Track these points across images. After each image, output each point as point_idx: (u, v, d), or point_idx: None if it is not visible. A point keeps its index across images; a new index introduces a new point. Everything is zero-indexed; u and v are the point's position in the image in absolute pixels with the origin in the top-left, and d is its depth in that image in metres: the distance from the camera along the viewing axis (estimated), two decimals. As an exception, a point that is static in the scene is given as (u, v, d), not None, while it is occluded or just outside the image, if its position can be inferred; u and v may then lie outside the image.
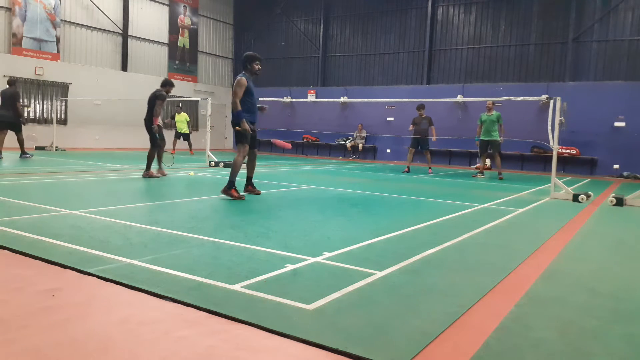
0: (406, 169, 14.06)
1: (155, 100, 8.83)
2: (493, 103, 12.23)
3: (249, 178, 7.16)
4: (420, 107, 13.53)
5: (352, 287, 2.97)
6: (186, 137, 17.50)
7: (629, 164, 15.85)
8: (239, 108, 6.54)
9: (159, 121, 9.04)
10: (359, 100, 17.32)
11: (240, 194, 6.56)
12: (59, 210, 5.16)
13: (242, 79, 6.62)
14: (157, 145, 9.01)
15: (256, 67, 6.81)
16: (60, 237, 3.91)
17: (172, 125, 17.91)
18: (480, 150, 13.08)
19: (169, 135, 17.86)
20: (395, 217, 5.98)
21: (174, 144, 17.34)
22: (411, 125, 13.68)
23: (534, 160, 17.45)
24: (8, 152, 12.60)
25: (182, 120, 17.37)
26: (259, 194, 7.12)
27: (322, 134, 21.36)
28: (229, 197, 6.45)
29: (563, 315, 2.73)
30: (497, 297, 3.00)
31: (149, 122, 8.92)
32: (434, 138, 13.73)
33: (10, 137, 12.42)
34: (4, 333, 2.20)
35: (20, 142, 12.38)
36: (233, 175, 6.51)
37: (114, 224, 4.58)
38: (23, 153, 12.40)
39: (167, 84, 9.07)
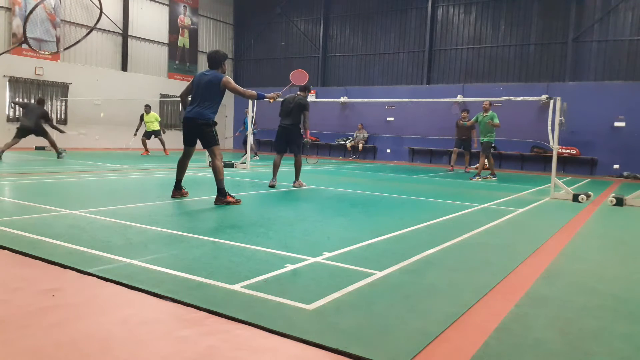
0: (450, 169, 15.02)
1: (302, 110, 8.25)
2: (490, 104, 12.11)
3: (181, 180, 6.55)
4: (465, 110, 14.67)
5: (352, 287, 2.97)
6: (157, 134, 16.45)
7: (629, 164, 15.85)
8: (254, 92, 6.36)
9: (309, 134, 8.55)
10: (359, 100, 17.31)
11: (236, 198, 6.23)
12: (59, 210, 5.16)
13: None
14: (302, 152, 8.54)
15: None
16: (60, 237, 3.91)
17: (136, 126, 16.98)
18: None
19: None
20: (395, 217, 5.98)
21: (144, 143, 16.39)
22: (456, 129, 14.68)
23: (534, 160, 17.44)
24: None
25: (151, 120, 16.39)
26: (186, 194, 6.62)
27: (322, 134, 21.34)
28: (226, 205, 6.03)
29: (563, 315, 2.73)
30: (497, 297, 2.99)
31: (294, 130, 8.33)
32: (475, 143, 14.18)
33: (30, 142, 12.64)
34: (4, 333, 2.20)
35: (52, 144, 12.80)
36: (221, 182, 6.11)
37: (114, 224, 4.58)
38: (59, 153, 12.88)
39: (307, 89, 8.47)
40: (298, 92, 8.50)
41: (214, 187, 6.24)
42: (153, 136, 16.58)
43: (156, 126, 16.49)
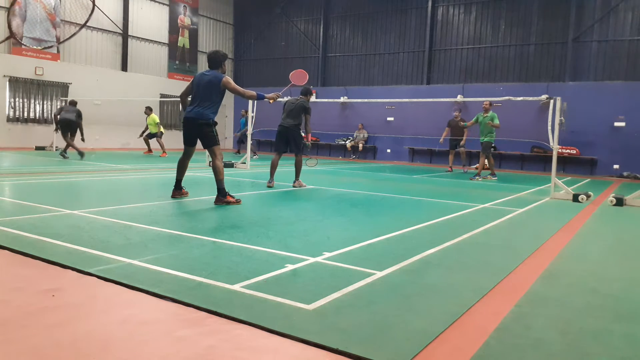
0: (449, 169, 15.04)
1: (303, 112, 8.32)
2: (490, 104, 12.10)
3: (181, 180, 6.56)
4: (458, 110, 14.71)
5: (352, 287, 2.97)
6: (157, 136, 16.27)
7: (629, 164, 15.85)
8: (254, 93, 6.34)
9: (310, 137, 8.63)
10: (359, 100, 17.30)
11: (236, 198, 6.23)
12: (59, 210, 5.16)
13: None
14: (302, 152, 8.60)
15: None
16: (60, 237, 3.91)
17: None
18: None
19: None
20: (395, 217, 5.98)
21: (147, 143, 16.39)
22: (447, 129, 14.57)
23: (534, 160, 17.44)
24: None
25: (150, 123, 16.18)
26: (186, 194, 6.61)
27: (322, 134, 21.35)
28: (226, 205, 6.03)
29: (563, 315, 2.73)
30: (497, 297, 2.99)
31: (294, 130, 8.37)
32: (463, 141, 14.13)
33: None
34: (4, 333, 2.20)
35: (70, 143, 13.47)
36: (221, 182, 6.11)
37: (114, 224, 4.58)
38: (64, 151, 13.28)
39: (309, 93, 8.60)
40: (300, 96, 8.55)
41: (214, 187, 6.24)
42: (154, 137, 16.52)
43: (155, 129, 16.34)
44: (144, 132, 16.56)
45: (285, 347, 2.18)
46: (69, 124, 13.24)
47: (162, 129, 16.45)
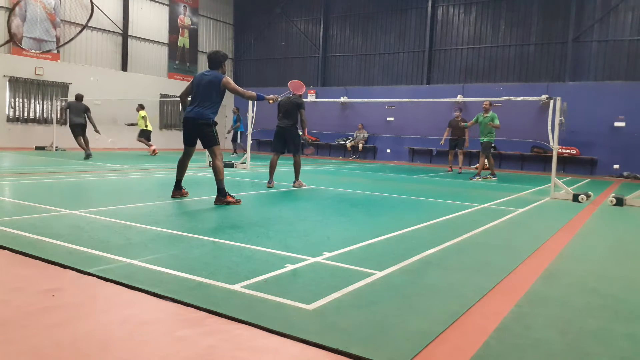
0: (449, 169, 15.04)
1: (298, 109, 8.39)
2: (490, 104, 12.09)
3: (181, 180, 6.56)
4: (458, 110, 14.72)
5: (352, 287, 2.97)
6: (141, 134, 16.06)
7: (629, 164, 15.85)
8: (254, 93, 6.32)
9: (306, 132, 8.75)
10: (359, 100, 17.30)
11: (236, 198, 6.23)
12: (59, 210, 5.16)
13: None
14: (300, 153, 8.68)
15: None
16: (60, 237, 3.91)
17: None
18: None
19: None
20: (395, 217, 5.98)
21: (145, 143, 16.17)
22: (447, 129, 14.51)
23: (534, 160, 17.44)
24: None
25: (139, 117, 15.94)
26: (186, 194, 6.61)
27: (322, 134, 21.35)
28: (226, 205, 6.03)
29: (563, 315, 2.73)
30: (497, 297, 2.99)
31: (291, 130, 8.43)
32: (466, 143, 14.10)
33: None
34: (4, 333, 2.20)
35: (86, 143, 13.56)
36: (221, 182, 6.11)
37: (114, 224, 4.58)
38: (86, 153, 13.37)
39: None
40: (292, 93, 8.60)
41: (214, 187, 6.24)
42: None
43: (142, 123, 16.04)
44: (132, 124, 16.53)
45: (285, 347, 2.18)
46: (80, 127, 13.28)
47: (148, 125, 16.08)
